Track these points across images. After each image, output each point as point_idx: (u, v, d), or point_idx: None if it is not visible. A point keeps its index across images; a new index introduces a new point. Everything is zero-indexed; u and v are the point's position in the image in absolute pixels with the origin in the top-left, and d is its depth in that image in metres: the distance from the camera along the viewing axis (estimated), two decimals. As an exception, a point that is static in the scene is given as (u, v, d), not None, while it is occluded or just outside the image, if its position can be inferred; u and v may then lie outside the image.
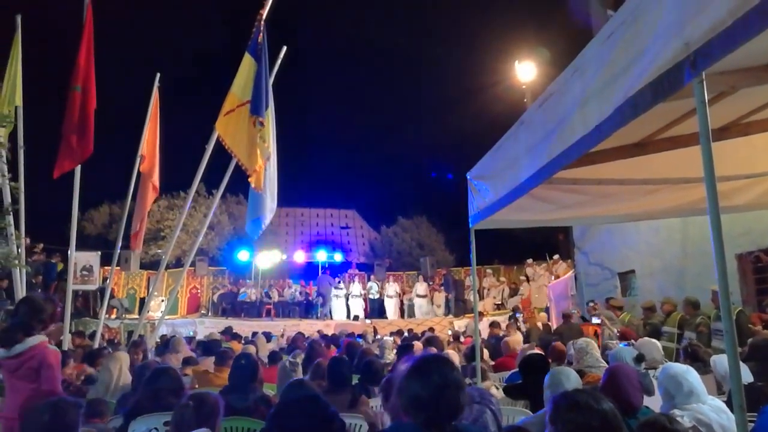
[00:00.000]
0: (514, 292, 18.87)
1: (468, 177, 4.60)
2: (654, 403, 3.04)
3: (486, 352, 7.13)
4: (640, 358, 3.96)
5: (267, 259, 21.10)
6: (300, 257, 24.29)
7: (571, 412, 1.87)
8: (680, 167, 3.82)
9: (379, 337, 12.22)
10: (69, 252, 8.63)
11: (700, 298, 7.93)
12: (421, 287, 19.42)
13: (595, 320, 7.83)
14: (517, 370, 4.76)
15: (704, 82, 1.82)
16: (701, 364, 4.45)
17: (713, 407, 2.74)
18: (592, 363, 4.37)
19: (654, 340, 5.14)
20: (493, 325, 10.72)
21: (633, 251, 11.53)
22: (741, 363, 3.53)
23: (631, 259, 11.66)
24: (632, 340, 6.40)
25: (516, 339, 8.46)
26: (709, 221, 1.78)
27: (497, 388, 4.79)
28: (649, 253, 10.92)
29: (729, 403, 2.86)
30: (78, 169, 7.76)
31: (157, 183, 9.81)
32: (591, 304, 10.67)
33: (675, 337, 7.83)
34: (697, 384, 2.84)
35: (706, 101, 1.83)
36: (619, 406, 2.02)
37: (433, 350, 6.33)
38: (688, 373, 2.89)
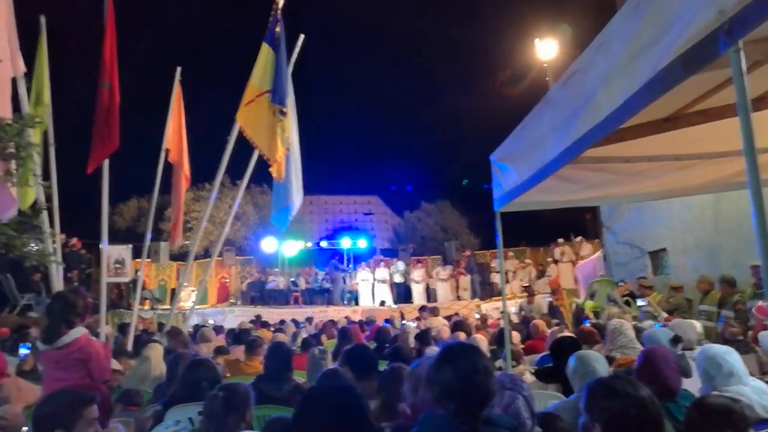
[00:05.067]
0: (541, 274, 18.67)
1: (491, 159, 4.49)
2: (692, 385, 2.96)
3: (517, 334, 7.07)
4: (676, 340, 3.85)
5: (293, 248, 21.29)
6: (325, 244, 24.47)
7: (606, 400, 1.82)
8: (714, 141, 3.68)
9: (404, 322, 12.24)
10: (100, 246, 8.82)
11: (736, 275, 7.69)
12: (443, 271, 19.35)
13: (641, 302, 7.67)
14: (547, 352, 4.71)
15: (741, 51, 1.73)
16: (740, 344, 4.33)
17: (755, 389, 2.65)
18: (626, 344, 4.26)
19: (692, 321, 5.00)
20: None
21: (664, 228, 11.23)
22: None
23: (663, 236, 11.35)
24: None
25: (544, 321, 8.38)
26: (750, 196, 1.70)
27: (531, 373, 4.74)
28: (682, 230, 10.61)
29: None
30: (106, 163, 7.88)
31: (188, 173, 9.93)
32: (621, 284, 10.48)
33: (714, 315, 7.63)
34: (737, 365, 2.75)
35: (744, 71, 1.73)
36: (657, 389, 1.96)
37: (462, 336, 6.33)
38: (728, 354, 2.80)
